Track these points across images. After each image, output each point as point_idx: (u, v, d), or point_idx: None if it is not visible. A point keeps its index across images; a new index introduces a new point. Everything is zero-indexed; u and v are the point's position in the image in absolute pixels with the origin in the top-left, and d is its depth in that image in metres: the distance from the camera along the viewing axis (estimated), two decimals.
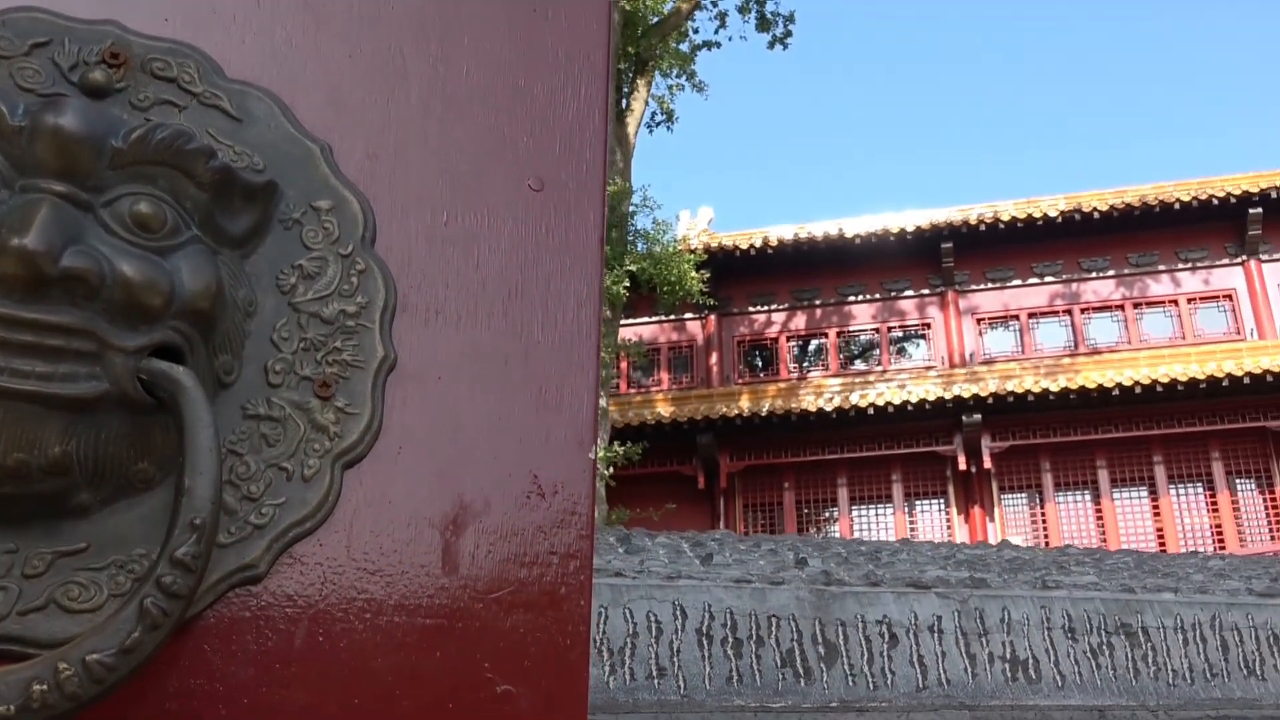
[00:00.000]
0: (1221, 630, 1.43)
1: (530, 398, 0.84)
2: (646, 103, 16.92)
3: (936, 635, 1.28)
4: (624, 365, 20.81)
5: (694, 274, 15.33)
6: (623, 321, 18.49)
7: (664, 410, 19.37)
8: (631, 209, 15.76)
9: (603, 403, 14.70)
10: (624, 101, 16.66)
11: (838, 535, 18.93)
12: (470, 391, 0.83)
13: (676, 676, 1.20)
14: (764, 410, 18.39)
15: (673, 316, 20.67)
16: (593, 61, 0.95)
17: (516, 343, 0.85)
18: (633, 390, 21.08)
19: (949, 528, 18.87)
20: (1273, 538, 17.85)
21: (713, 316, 21.23)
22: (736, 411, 18.45)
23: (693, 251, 17.66)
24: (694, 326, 21.48)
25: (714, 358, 21.11)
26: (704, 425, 18.42)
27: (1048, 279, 20.61)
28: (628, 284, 13.40)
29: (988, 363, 20.09)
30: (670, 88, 17.42)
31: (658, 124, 17.55)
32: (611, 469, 14.18)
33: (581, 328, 0.88)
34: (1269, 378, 17.08)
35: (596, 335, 0.89)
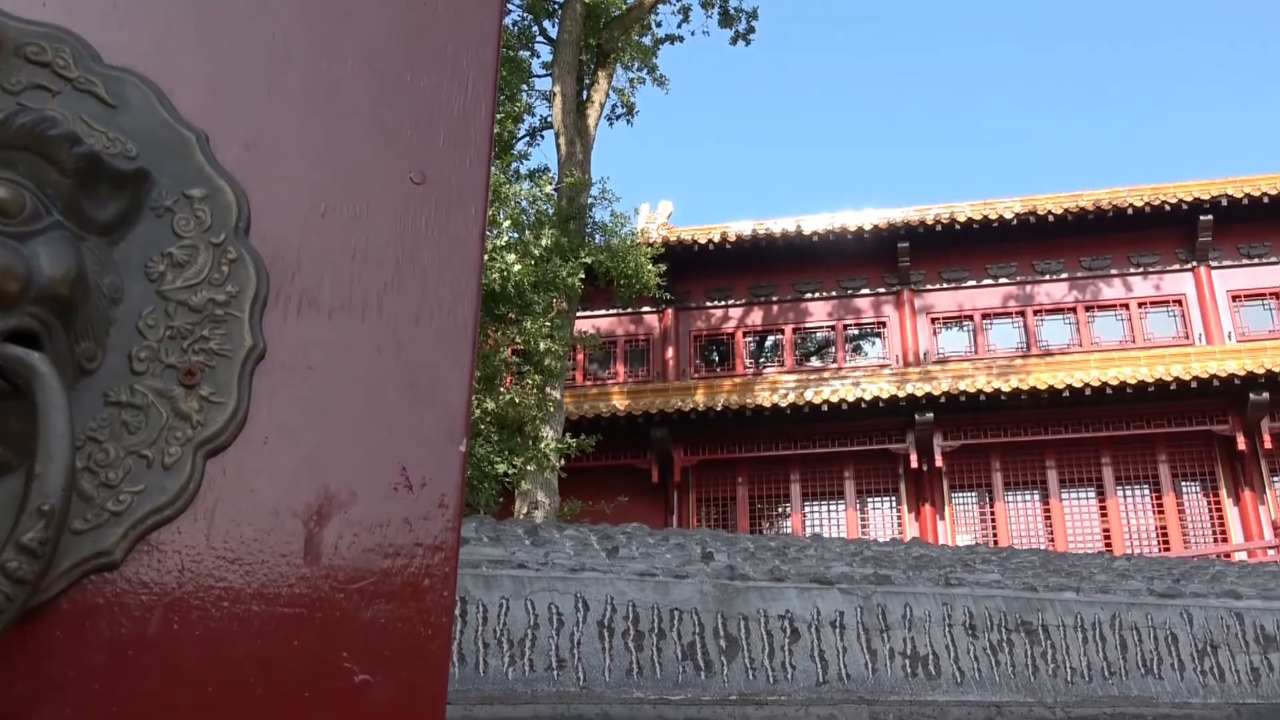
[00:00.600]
0: (1121, 629, 1.47)
1: (402, 390, 0.85)
2: (607, 95, 16.91)
3: (838, 631, 1.30)
4: (580, 358, 20.81)
5: (651, 267, 15.34)
6: (580, 314, 18.49)
7: (619, 403, 19.40)
8: (590, 201, 15.75)
9: (557, 394, 14.70)
10: (584, 93, 16.65)
11: (790, 531, 19.06)
12: (341, 382, 0.83)
13: (576, 668, 1.21)
14: (719, 405, 18.46)
15: (630, 310, 20.67)
16: (481, 57, 0.96)
17: (390, 335, 0.86)
18: (589, 383, 21.09)
19: (900, 525, 19.05)
20: (1216, 540, 18.15)
21: (670, 310, 21.28)
22: (692, 406, 18.51)
23: (651, 245, 17.66)
24: (651, 320, 21.51)
25: (670, 352, 21.16)
26: (659, 419, 18.46)
27: (1002, 280, 20.83)
28: (583, 276, 13.38)
29: (941, 362, 20.28)
30: (631, 81, 17.43)
31: (618, 117, 17.56)
32: (563, 461, 14.18)
33: (458, 321, 0.88)
34: (1215, 382, 17.36)
35: (473, 330, 0.90)
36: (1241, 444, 17.98)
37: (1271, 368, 17.22)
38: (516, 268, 10.66)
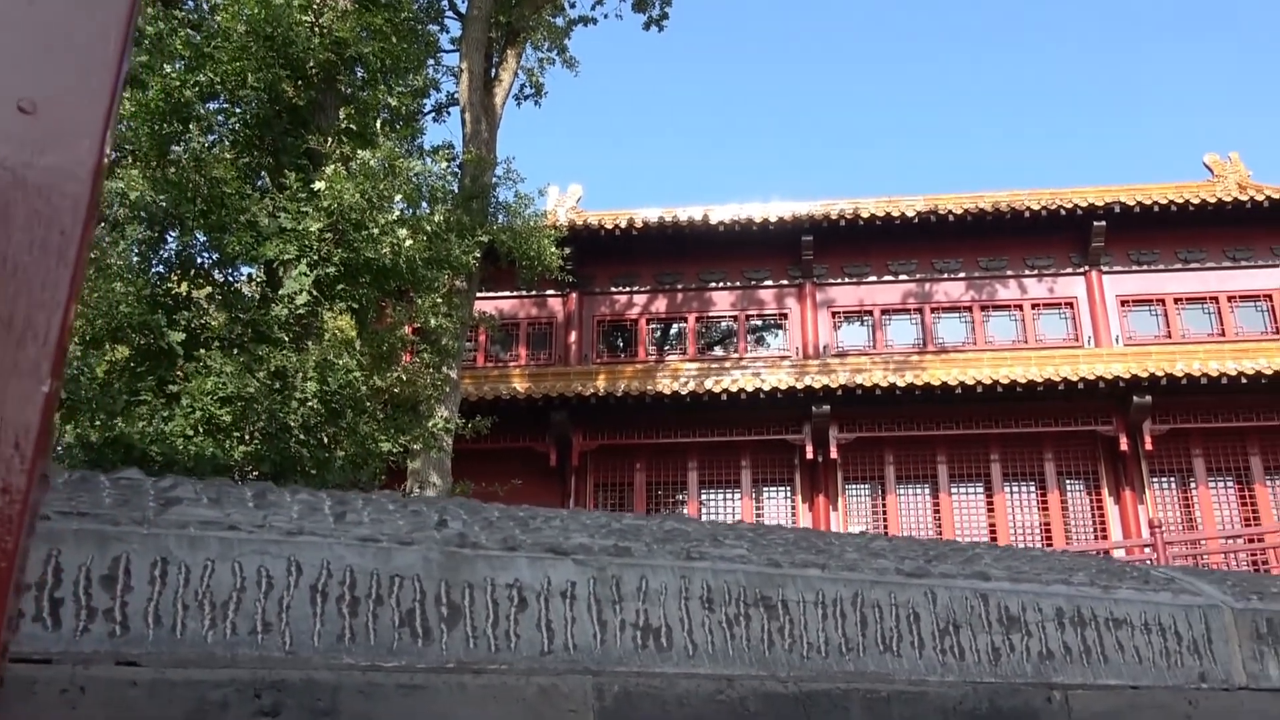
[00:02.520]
0: (863, 606, 1.47)
1: None
2: (516, 74, 16.76)
3: (569, 601, 1.28)
4: (483, 339, 20.66)
5: (554, 250, 15.25)
6: (482, 294, 18.35)
7: (520, 385, 19.32)
8: (495, 180, 15.60)
9: (453, 374, 14.56)
10: (493, 71, 16.49)
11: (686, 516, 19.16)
12: None
13: (283, 633, 1.17)
14: (620, 391, 18.48)
15: (534, 292, 20.58)
16: None
17: None
18: (490, 364, 20.96)
19: (794, 514, 19.28)
20: (1097, 537, 18.69)
21: (575, 294, 21.23)
22: (593, 390, 18.50)
23: (557, 227, 17.57)
24: (555, 303, 21.44)
25: (574, 336, 21.12)
26: (559, 402, 18.42)
27: (902, 277, 21.16)
28: (480, 255, 13.24)
29: (840, 355, 20.55)
30: (541, 61, 17.31)
31: (526, 97, 17.43)
32: (453, 440, 14.06)
33: (57, 258, 0.85)
34: (1101, 384, 17.85)
35: (75, 269, 0.86)
36: (1124, 445, 18.53)
37: (1155, 372, 17.76)
38: (408, 243, 10.52)
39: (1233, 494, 19.01)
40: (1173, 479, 19.21)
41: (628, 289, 21.57)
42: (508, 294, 20.69)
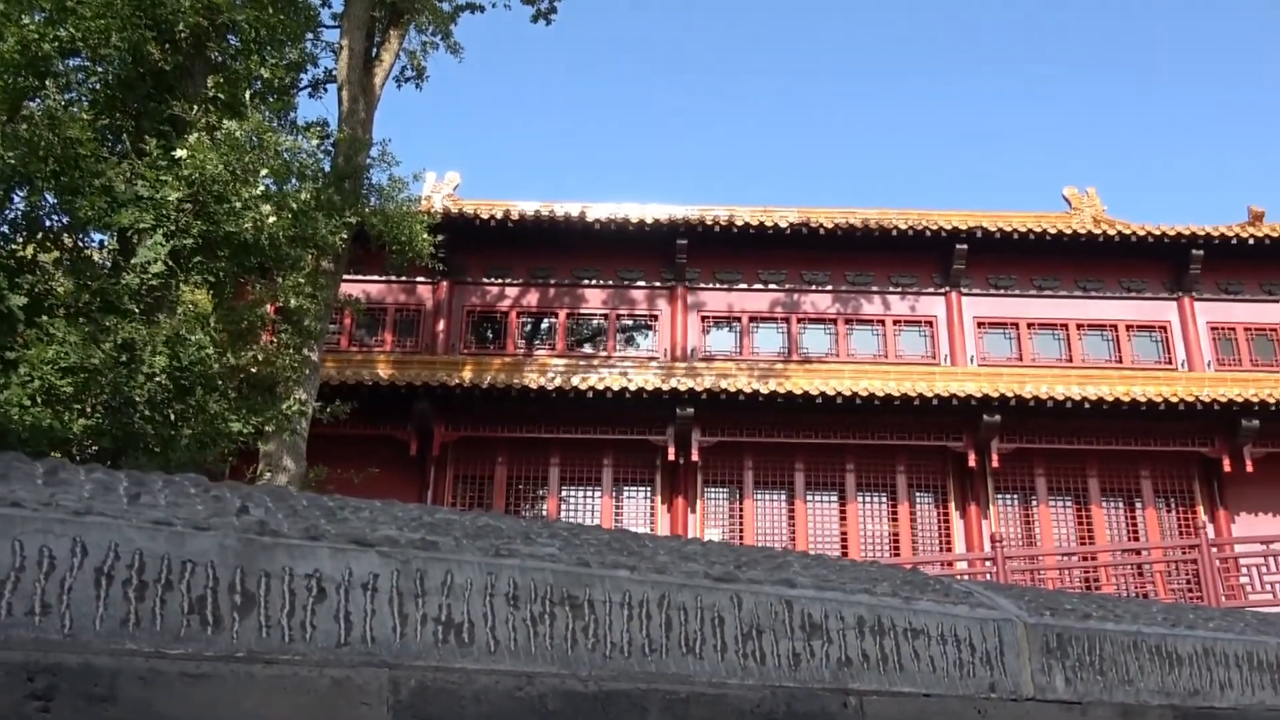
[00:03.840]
0: (669, 609, 1.50)
1: None
2: (398, 56, 16.50)
3: (369, 593, 1.27)
4: (348, 322, 20.27)
5: (426, 236, 15.04)
6: (349, 277, 18.00)
7: (384, 372, 19.00)
8: (369, 162, 15.32)
9: (314, 356, 14.26)
10: (374, 50, 16.19)
11: (546, 513, 19.15)
12: None
13: (62, 616, 1.14)
14: (486, 383, 18.34)
15: (404, 278, 20.26)
16: None
17: None
18: (354, 348, 20.57)
19: (653, 515, 19.43)
20: (942, 549, 19.30)
21: (446, 283, 21.00)
22: (458, 381, 18.31)
23: (431, 214, 17.33)
24: (425, 291, 21.16)
25: (442, 325, 20.88)
26: (423, 391, 18.18)
27: (772, 286, 21.52)
28: (346, 235, 12.97)
29: (707, 359, 20.78)
30: (425, 44, 17.04)
31: (408, 79, 17.14)
32: (310, 424, 13.77)
33: None
34: (955, 402, 18.44)
35: None
36: (972, 461, 19.19)
37: (1005, 392, 18.43)
38: (272, 219, 10.24)
39: (1071, 513, 19.86)
40: (1016, 496, 19.98)
41: (500, 281, 21.43)
42: (376, 278, 20.33)
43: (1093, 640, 2.13)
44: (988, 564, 17.52)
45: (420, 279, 20.66)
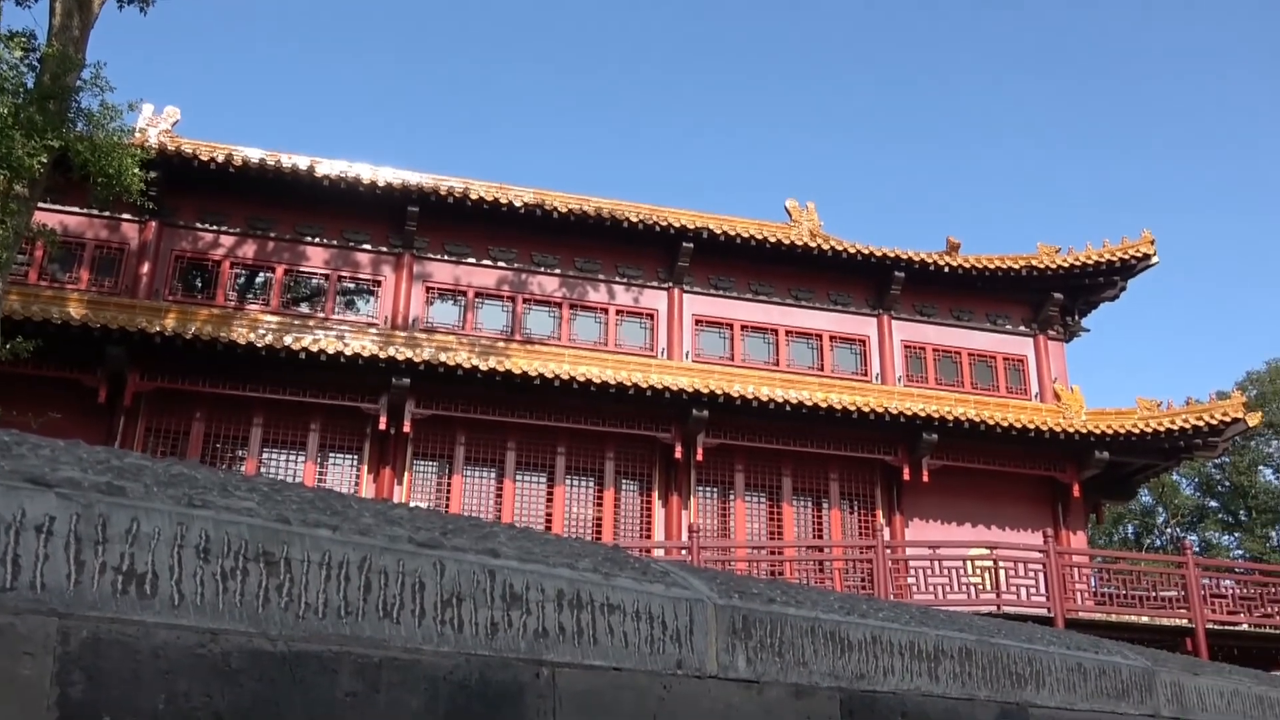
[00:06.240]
0: (369, 572, 1.48)
1: None
2: None
3: (44, 537, 1.18)
4: (40, 254, 18.64)
5: (138, 171, 14.06)
6: (45, 205, 16.58)
7: (76, 311, 17.61)
8: (79, 85, 14.15)
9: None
10: None
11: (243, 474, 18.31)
12: None
13: None
14: (190, 333, 17.34)
15: (108, 213, 18.85)
16: None
17: None
18: (44, 283, 18.95)
19: (358, 484, 18.99)
20: (643, 535, 19.87)
21: (154, 223, 19.69)
22: (159, 329, 17.20)
23: (145, 148, 16.22)
24: (130, 229, 19.76)
25: (146, 267, 19.56)
26: (118, 336, 16.97)
27: (501, 264, 21.47)
28: (46, 159, 11.93)
29: (429, 331, 20.51)
30: None
31: (130, 2, 15.93)
32: None
33: None
34: (667, 394, 19.03)
35: None
36: (679, 453, 19.87)
37: (715, 389, 19.19)
38: None
39: (764, 509, 20.93)
40: (716, 490, 20.86)
41: (215, 228, 20.31)
42: (76, 210, 18.83)
43: (775, 623, 2.26)
44: (684, 553, 18.21)
45: (126, 216, 19.29)
